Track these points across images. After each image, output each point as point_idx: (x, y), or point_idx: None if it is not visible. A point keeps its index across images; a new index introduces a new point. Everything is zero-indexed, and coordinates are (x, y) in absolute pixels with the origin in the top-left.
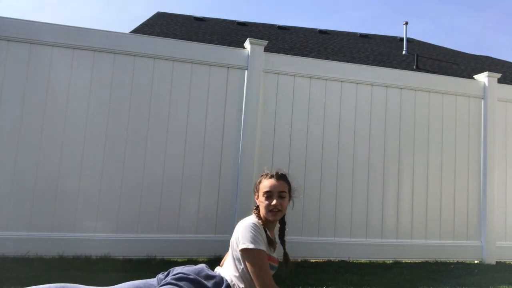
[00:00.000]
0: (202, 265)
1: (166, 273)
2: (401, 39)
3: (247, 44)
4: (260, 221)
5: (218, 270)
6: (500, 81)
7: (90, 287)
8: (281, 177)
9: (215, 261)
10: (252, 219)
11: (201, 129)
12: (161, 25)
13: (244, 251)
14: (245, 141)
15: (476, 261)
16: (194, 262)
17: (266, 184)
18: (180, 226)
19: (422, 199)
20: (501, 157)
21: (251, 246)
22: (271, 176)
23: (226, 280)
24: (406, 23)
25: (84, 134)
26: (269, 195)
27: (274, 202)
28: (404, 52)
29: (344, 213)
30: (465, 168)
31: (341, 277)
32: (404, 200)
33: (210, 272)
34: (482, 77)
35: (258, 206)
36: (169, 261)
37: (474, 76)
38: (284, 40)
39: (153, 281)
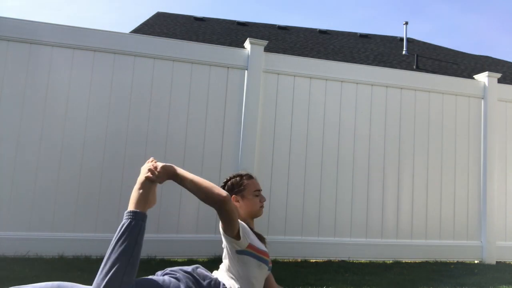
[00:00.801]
0: (197, 265)
1: (163, 270)
2: (401, 39)
3: (247, 44)
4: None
5: (215, 274)
6: (500, 81)
7: (87, 286)
8: None
9: (215, 261)
10: None
11: (201, 129)
12: (161, 25)
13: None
14: (245, 141)
15: (476, 261)
16: (194, 262)
17: (255, 182)
18: (180, 226)
19: (422, 199)
20: (501, 157)
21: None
22: (251, 177)
23: (224, 285)
24: (406, 23)
25: (84, 134)
26: (260, 192)
27: (264, 197)
28: (404, 52)
29: (344, 213)
30: (465, 168)
31: (341, 277)
32: (404, 200)
33: (206, 271)
34: (482, 77)
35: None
36: (169, 261)
37: (474, 76)
38: (284, 40)
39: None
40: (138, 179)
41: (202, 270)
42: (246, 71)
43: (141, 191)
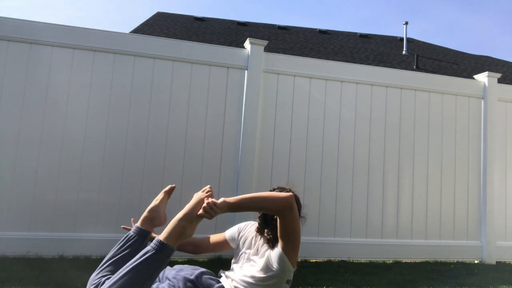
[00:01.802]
0: (203, 271)
1: (170, 268)
2: (401, 39)
3: (247, 44)
4: None
5: (223, 274)
6: (500, 81)
7: None
8: None
9: (215, 261)
10: None
11: (201, 129)
12: (161, 25)
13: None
14: (245, 141)
15: (476, 261)
16: (194, 262)
17: None
18: None
19: (422, 199)
20: (501, 157)
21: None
22: None
23: None
24: (406, 23)
25: (84, 134)
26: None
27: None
28: (404, 52)
29: (344, 213)
30: (465, 168)
31: (341, 277)
32: (404, 200)
33: (210, 278)
34: (482, 77)
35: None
36: (169, 261)
37: (474, 76)
38: (284, 40)
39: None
40: (188, 205)
41: (207, 277)
42: (246, 71)
43: (183, 223)
